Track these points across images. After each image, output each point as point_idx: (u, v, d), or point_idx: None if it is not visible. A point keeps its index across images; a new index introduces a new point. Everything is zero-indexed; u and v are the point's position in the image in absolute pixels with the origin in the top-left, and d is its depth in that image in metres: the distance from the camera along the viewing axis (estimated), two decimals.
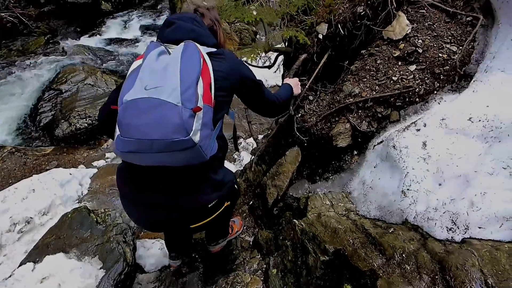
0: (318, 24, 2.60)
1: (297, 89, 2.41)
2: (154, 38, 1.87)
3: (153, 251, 2.92)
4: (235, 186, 1.99)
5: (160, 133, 1.28)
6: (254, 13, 2.52)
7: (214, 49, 1.60)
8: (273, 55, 3.15)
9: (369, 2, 2.45)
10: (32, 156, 5.29)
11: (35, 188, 3.54)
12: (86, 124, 6.20)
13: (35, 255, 2.69)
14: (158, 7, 10.28)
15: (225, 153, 1.89)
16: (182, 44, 1.44)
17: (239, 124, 5.79)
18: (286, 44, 3.00)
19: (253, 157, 3.28)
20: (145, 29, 9.30)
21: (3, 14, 8.12)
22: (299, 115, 2.67)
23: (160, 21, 9.67)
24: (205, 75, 1.43)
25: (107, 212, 2.91)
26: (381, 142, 2.21)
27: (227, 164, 4.50)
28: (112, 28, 9.25)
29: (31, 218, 3.28)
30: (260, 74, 2.74)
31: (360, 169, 2.31)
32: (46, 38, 8.35)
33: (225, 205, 1.85)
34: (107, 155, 4.74)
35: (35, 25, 8.54)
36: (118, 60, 8.09)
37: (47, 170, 4.87)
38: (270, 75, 3.44)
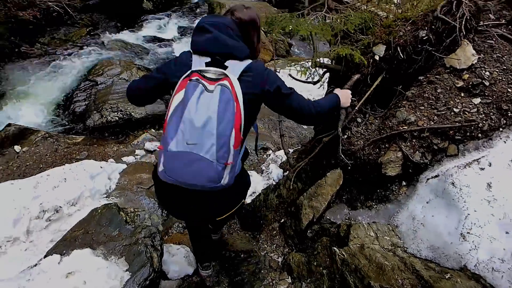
0: (375, 44, 2.46)
1: (346, 101, 2.12)
2: (189, 40, 1.99)
3: (177, 258, 2.81)
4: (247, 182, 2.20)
5: (197, 181, 1.56)
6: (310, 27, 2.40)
7: (244, 65, 1.64)
8: (319, 70, 3.02)
9: (433, 26, 2.29)
10: (63, 144, 5.29)
11: (67, 177, 3.49)
12: (117, 118, 6.18)
13: (63, 247, 2.61)
14: (197, 11, 10.30)
15: (245, 160, 2.14)
16: (218, 89, 1.53)
17: (269, 135, 5.68)
18: (335, 61, 2.86)
19: (288, 173, 3.14)
20: (182, 30, 9.31)
21: (50, 3, 8.25)
22: (346, 136, 2.52)
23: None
24: (237, 120, 1.55)
25: (136, 212, 2.82)
26: (436, 176, 2.04)
27: (254, 175, 4.38)
28: (151, 27, 9.29)
29: (60, 207, 3.22)
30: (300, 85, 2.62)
31: (409, 202, 2.14)
32: (87, 30, 8.45)
33: (241, 202, 2.10)
34: (137, 152, 4.68)
35: (79, 17, 8.66)
36: (153, 58, 8.10)
37: (77, 159, 4.86)
38: (312, 88, 3.30)
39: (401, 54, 2.33)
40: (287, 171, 4.36)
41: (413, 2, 2.49)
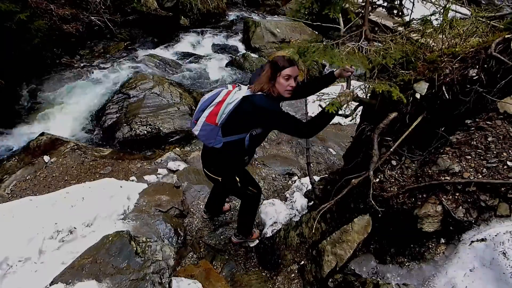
0: (417, 81, 2.19)
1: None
2: (223, 57, 4.83)
3: None
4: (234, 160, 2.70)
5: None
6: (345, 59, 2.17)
7: (249, 93, 2.40)
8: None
9: (485, 65, 2.00)
10: (90, 156, 5.27)
11: (85, 196, 3.39)
12: (145, 132, 6.17)
13: (69, 275, 2.48)
14: (233, 28, 10.27)
15: (234, 156, 2.62)
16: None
17: (295, 160, 5.42)
18: (370, 95, 2.60)
19: (312, 206, 2.87)
20: (216, 48, 9.29)
21: (93, 17, 8.49)
22: (377, 180, 2.25)
23: (232, 42, 9.65)
24: (217, 107, 2.43)
25: (148, 243, 2.65)
26: (483, 240, 1.73)
27: (277, 203, 4.12)
28: (186, 43, 9.33)
29: (74, 228, 3.11)
30: None
31: (448, 266, 1.83)
32: (125, 44, 8.59)
33: (233, 178, 2.73)
34: (159, 170, 4.55)
35: (118, 31, 8.83)
36: (185, 74, 8.09)
37: (101, 174, 4.81)
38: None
39: (446, 94, 2.04)
40: (312, 202, 4.08)
41: (463, 36, 2.21)
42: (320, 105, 2.86)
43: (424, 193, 2.02)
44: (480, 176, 1.84)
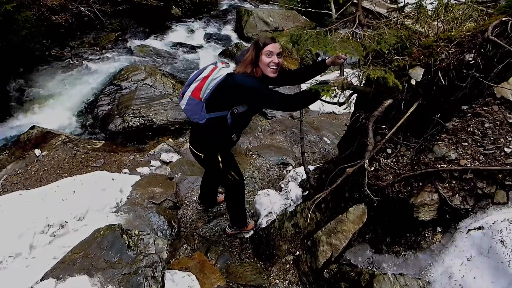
0: (412, 67, 2.12)
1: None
2: (216, 46, 5.10)
3: None
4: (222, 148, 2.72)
5: None
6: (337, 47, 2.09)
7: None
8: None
9: (482, 50, 1.94)
10: (82, 149, 5.18)
11: (76, 189, 3.31)
12: (138, 123, 6.08)
13: (60, 270, 2.41)
14: (225, 18, 10.07)
15: (218, 134, 2.58)
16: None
17: (290, 150, 5.36)
18: (364, 83, 2.53)
19: (307, 195, 2.82)
20: (209, 37, 9.14)
21: (82, 8, 8.28)
22: (372, 169, 2.20)
23: (224, 32, 9.50)
24: (201, 82, 2.45)
25: (140, 236, 2.59)
26: (480, 228, 1.69)
27: (272, 193, 4.07)
28: (178, 33, 9.16)
29: (66, 222, 3.03)
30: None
31: (445, 255, 1.79)
32: (116, 35, 8.40)
33: (216, 156, 2.67)
34: (152, 162, 4.47)
35: (109, 22, 8.62)
36: (178, 64, 7.96)
37: (93, 167, 4.72)
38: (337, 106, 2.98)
39: (442, 80, 1.98)
40: (307, 191, 4.04)
41: (458, 20, 2.14)
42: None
43: (420, 182, 1.97)
44: (477, 163, 1.79)
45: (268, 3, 11.25)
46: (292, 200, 3.98)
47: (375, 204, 2.12)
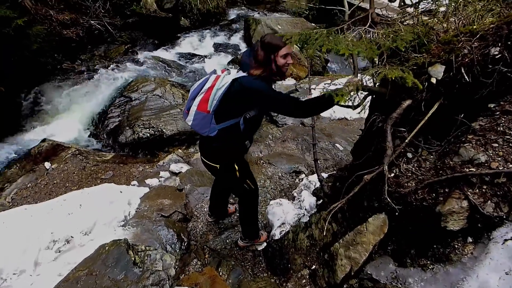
0: (432, 65, 1.96)
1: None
2: (224, 56, 4.53)
3: None
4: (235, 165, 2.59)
5: None
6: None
7: (239, 75, 2.28)
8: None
9: (509, 42, 1.77)
10: (92, 161, 5.11)
11: (83, 203, 3.21)
12: (148, 134, 6.03)
13: None
14: (234, 27, 10.03)
15: (232, 142, 2.48)
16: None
17: (302, 157, 5.19)
18: (379, 83, 2.37)
19: (324, 213, 2.66)
20: (218, 46, 9.10)
21: (93, 22, 8.36)
22: (392, 175, 2.03)
23: (233, 41, 9.45)
24: (207, 94, 2.31)
25: (147, 252, 2.45)
26: None
27: (284, 203, 3.91)
28: (187, 43, 9.15)
29: (71, 237, 2.93)
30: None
31: (479, 268, 1.60)
32: (126, 47, 8.44)
33: (232, 165, 2.57)
34: (161, 173, 4.36)
35: (119, 34, 8.69)
36: (188, 74, 7.92)
37: (102, 179, 4.64)
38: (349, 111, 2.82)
39: (466, 77, 1.82)
40: (321, 200, 3.86)
41: (480, 13, 1.98)
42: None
43: (446, 187, 1.79)
44: (511, 166, 1.62)
45: (276, 11, 11.20)
46: (305, 209, 3.81)
47: (396, 213, 1.95)
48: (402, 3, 2.47)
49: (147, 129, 6.11)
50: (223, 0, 10.40)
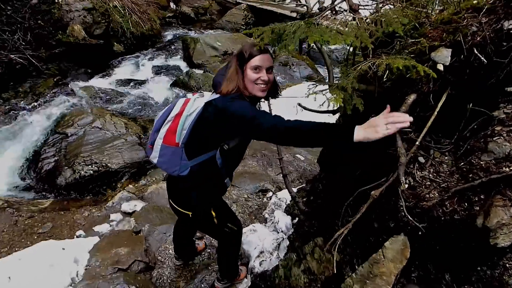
0: (434, 49, 1.60)
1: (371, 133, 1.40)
2: (166, 78, 3.90)
3: None
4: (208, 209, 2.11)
5: None
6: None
7: (213, 97, 1.79)
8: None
9: None
10: (25, 213, 4.19)
11: (12, 274, 2.43)
12: (91, 171, 5.24)
13: None
14: (172, 48, 9.41)
15: (208, 183, 1.99)
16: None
17: (265, 173, 4.73)
18: (359, 80, 1.97)
19: (319, 240, 2.18)
20: (158, 69, 8.43)
21: (12, 56, 7.30)
22: (407, 186, 1.62)
23: (173, 62, 8.85)
24: (174, 123, 1.87)
25: None
26: None
27: (258, 227, 3.41)
28: (124, 69, 8.38)
29: None
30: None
31: None
32: (55, 80, 7.47)
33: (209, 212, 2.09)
34: (112, 216, 3.61)
35: (45, 67, 7.68)
36: (128, 101, 7.18)
37: (39, 234, 3.77)
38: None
39: (481, 58, 1.47)
40: (297, 218, 3.42)
41: None
42: (299, 104, 2.28)
43: (481, 194, 1.41)
44: None
45: (213, 29, 10.83)
46: (282, 231, 3.36)
47: (420, 233, 1.54)
48: None
49: (89, 166, 5.30)
50: (157, 22, 9.77)
